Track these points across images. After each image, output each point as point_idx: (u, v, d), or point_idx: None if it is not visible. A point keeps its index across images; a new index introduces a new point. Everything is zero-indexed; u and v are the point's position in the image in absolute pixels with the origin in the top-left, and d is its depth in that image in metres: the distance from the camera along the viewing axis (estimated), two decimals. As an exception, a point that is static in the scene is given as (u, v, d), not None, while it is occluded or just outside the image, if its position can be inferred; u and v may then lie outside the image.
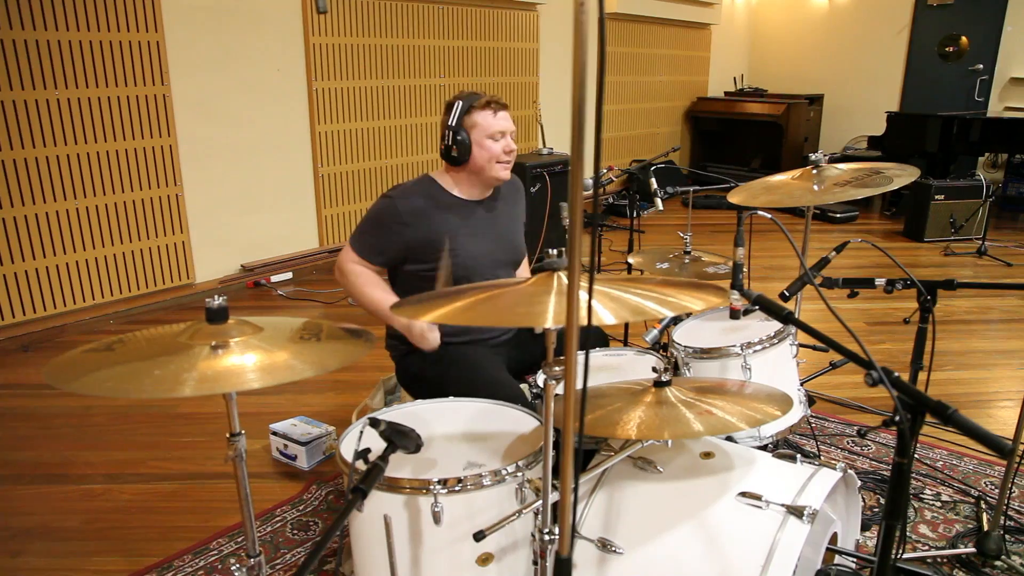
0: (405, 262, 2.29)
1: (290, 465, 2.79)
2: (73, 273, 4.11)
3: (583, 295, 1.01)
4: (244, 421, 1.45)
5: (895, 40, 8.54)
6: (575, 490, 1.16)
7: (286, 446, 2.79)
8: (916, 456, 2.81)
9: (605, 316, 1.27)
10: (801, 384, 2.50)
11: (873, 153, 7.64)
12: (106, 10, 4.00)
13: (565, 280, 1.34)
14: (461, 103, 2.24)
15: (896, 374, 1.21)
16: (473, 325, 2.28)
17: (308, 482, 2.66)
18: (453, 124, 2.23)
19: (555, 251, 1.45)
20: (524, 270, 2.60)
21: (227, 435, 1.46)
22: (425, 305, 1.40)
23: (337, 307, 4.58)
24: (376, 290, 2.25)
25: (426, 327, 2.14)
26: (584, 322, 1.00)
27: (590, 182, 0.94)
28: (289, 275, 5.11)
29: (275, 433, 2.82)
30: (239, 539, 2.35)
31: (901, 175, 2.46)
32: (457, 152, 2.24)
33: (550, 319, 1.24)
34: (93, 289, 4.21)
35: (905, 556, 2.21)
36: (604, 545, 1.63)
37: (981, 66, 8.03)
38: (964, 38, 8.05)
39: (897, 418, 1.15)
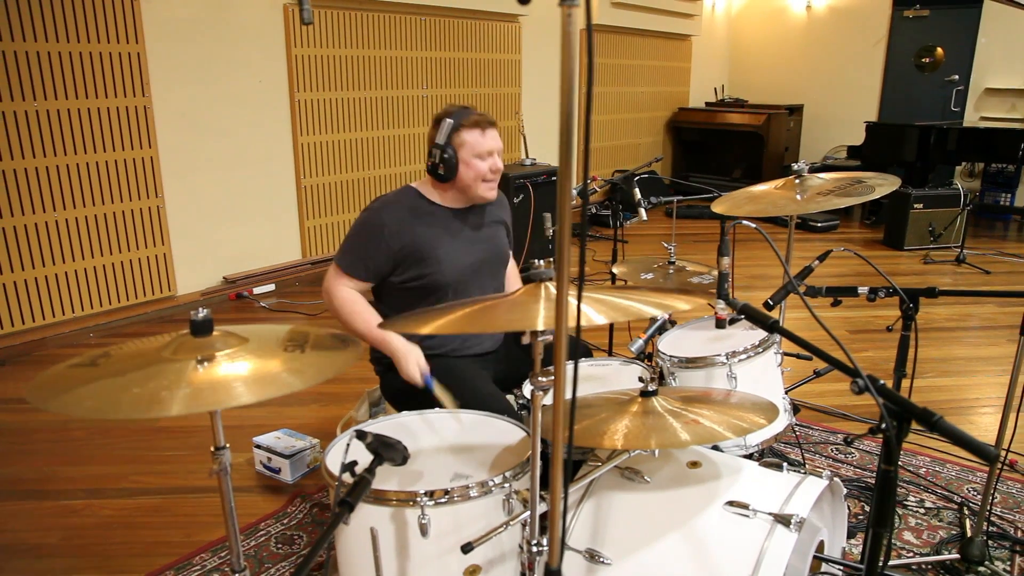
0: (391, 273, 2.27)
1: (274, 478, 2.76)
2: (52, 286, 4.06)
3: (572, 302, 1.01)
4: (227, 434, 1.44)
5: (873, 51, 8.65)
6: (564, 501, 1.16)
7: (270, 459, 2.76)
8: (900, 463, 2.83)
9: (595, 318, 1.28)
10: (786, 392, 2.51)
11: (852, 162, 7.74)
12: (86, 21, 3.97)
13: (553, 290, 1.35)
14: (451, 120, 2.19)
15: (881, 382, 1.22)
16: (466, 333, 2.30)
17: (292, 495, 2.64)
18: (441, 142, 2.19)
19: (541, 262, 1.45)
20: (512, 271, 2.59)
21: (211, 449, 1.44)
22: (417, 320, 1.40)
23: (320, 319, 4.55)
24: (365, 314, 2.22)
25: (422, 364, 2.12)
26: (573, 328, 1.00)
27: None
28: (272, 287, 5.07)
29: (259, 446, 2.79)
30: (222, 554, 2.32)
31: (883, 184, 2.48)
32: (444, 170, 2.21)
33: (540, 323, 1.26)
34: (73, 302, 4.16)
35: (890, 563, 2.23)
36: (592, 556, 1.62)
37: (957, 76, 8.16)
38: (940, 49, 8.18)
39: (884, 426, 1.16)
